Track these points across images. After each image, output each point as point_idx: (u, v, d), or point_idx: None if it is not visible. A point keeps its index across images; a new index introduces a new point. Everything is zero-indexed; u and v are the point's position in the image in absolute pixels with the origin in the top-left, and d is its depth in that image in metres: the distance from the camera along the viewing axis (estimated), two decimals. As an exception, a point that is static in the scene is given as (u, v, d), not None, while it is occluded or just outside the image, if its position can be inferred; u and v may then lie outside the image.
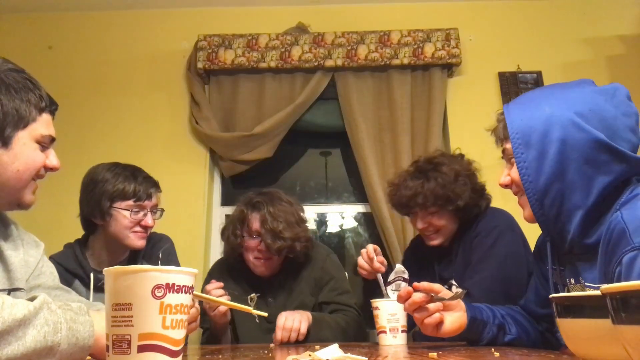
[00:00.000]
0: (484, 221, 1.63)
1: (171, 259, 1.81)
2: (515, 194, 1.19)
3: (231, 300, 1.62)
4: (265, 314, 0.92)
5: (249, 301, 1.66)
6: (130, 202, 1.66)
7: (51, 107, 1.06)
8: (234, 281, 1.93)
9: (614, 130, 1.02)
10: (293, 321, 1.60)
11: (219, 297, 1.57)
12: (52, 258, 1.67)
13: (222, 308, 1.59)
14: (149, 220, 1.69)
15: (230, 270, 1.96)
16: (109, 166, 1.72)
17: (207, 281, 1.98)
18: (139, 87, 3.07)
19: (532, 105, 1.10)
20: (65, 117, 1.11)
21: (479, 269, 1.54)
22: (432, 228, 1.67)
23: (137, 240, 1.68)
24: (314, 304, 1.88)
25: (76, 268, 1.67)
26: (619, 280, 0.89)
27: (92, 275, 1.66)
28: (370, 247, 1.60)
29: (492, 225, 1.60)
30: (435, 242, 1.69)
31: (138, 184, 1.68)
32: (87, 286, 1.66)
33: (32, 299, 0.76)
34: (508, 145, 1.13)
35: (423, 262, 1.78)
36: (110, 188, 1.66)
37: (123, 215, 1.66)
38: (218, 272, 1.99)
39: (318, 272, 1.92)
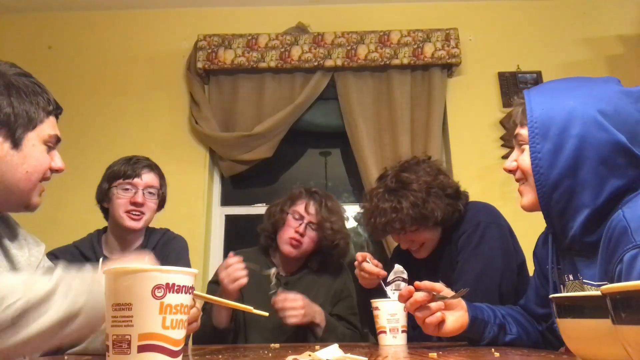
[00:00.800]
0: (467, 218, 1.59)
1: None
2: (518, 180, 1.17)
3: (253, 275, 1.71)
4: (266, 314, 0.92)
5: (271, 277, 1.81)
6: (120, 180, 1.74)
7: (57, 110, 1.10)
8: (250, 276, 1.93)
9: (635, 134, 0.99)
10: (301, 308, 1.67)
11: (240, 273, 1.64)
12: (74, 243, 1.78)
13: (243, 281, 1.62)
14: (138, 197, 1.72)
15: (252, 260, 1.97)
16: (125, 157, 1.83)
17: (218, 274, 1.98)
18: (138, 87, 3.07)
19: (556, 96, 1.07)
20: (65, 117, 1.12)
21: (468, 268, 1.51)
22: (416, 244, 1.63)
23: (129, 221, 1.72)
24: (328, 312, 1.88)
25: (90, 253, 1.74)
26: (619, 278, 0.89)
27: (101, 260, 1.70)
28: (359, 255, 1.58)
29: (475, 222, 1.55)
30: (424, 255, 1.65)
31: (130, 164, 1.76)
32: None
33: (49, 273, 0.81)
34: (523, 131, 1.10)
35: (409, 266, 1.70)
36: (109, 171, 1.78)
37: (114, 193, 1.73)
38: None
39: (341, 285, 1.95)
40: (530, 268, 1.39)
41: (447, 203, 1.56)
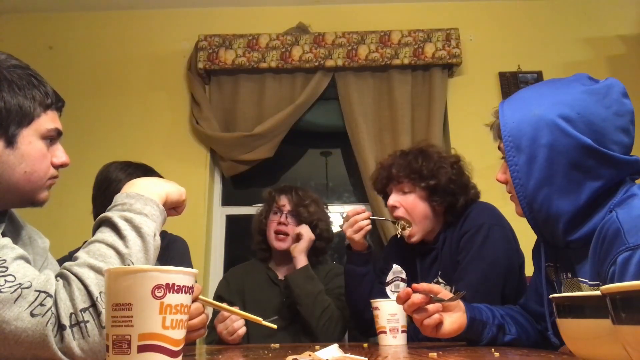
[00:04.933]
0: (470, 218, 1.57)
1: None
2: (509, 192, 1.19)
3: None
4: (274, 326, 0.91)
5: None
6: None
7: (57, 103, 1.03)
8: (252, 283, 1.94)
9: (602, 133, 1.01)
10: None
11: (237, 324, 1.55)
12: (69, 253, 1.73)
13: (242, 331, 1.55)
14: None
15: (249, 273, 1.98)
16: (122, 165, 1.73)
17: (223, 284, 1.99)
18: (139, 87, 3.07)
19: (523, 107, 1.09)
20: (66, 118, 1.09)
21: (470, 269, 1.49)
22: (402, 209, 1.61)
23: None
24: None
25: None
26: (612, 280, 0.89)
27: None
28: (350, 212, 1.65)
29: (479, 222, 1.54)
30: (413, 238, 1.61)
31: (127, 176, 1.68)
32: None
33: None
34: (502, 145, 1.13)
35: (404, 259, 1.69)
36: (122, 187, 1.66)
37: None
38: (238, 275, 2.00)
39: (332, 275, 1.94)
40: (530, 268, 1.39)
41: (449, 184, 1.59)
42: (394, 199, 1.63)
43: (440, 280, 1.60)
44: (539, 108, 1.06)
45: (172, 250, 1.81)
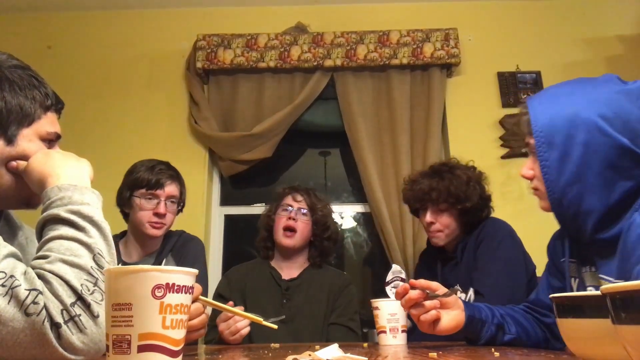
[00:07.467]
0: (487, 229, 1.76)
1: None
2: (534, 188, 1.19)
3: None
4: (275, 327, 0.91)
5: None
6: (143, 190, 1.76)
7: (57, 105, 1.03)
8: (253, 282, 1.94)
9: (637, 134, 1.01)
10: None
11: (240, 324, 1.54)
12: None
13: (245, 331, 1.55)
14: (160, 208, 1.75)
15: (251, 273, 1.98)
16: (144, 161, 1.84)
17: (223, 283, 1.99)
18: (138, 87, 3.07)
19: (557, 103, 1.09)
20: (64, 118, 1.09)
21: (487, 270, 1.65)
22: (438, 224, 1.80)
23: (151, 230, 1.76)
24: (327, 310, 1.89)
25: None
26: (637, 279, 0.89)
27: (119, 265, 1.69)
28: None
29: (494, 232, 1.73)
30: (440, 241, 1.82)
31: (153, 174, 1.77)
32: None
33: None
34: (532, 141, 1.12)
35: (430, 266, 1.93)
36: (131, 178, 1.79)
37: (137, 203, 1.76)
38: (240, 273, 2.00)
39: (343, 287, 1.94)
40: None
41: (479, 201, 1.77)
42: (431, 216, 1.81)
43: (458, 288, 1.71)
44: (574, 105, 1.05)
45: (186, 250, 1.85)
